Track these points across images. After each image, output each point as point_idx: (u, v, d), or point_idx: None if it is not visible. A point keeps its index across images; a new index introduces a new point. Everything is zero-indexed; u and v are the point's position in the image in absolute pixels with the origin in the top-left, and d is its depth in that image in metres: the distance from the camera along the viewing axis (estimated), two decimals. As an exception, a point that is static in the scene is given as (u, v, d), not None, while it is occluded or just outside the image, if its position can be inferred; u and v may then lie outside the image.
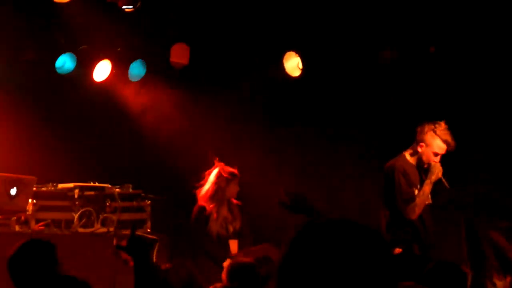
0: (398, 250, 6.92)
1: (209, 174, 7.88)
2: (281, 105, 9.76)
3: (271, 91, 9.68)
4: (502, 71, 8.68)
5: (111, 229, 8.08)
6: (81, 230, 8.00)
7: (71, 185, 8.16)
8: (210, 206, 7.79)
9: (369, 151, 9.54)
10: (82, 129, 9.35)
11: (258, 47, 9.41)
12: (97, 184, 8.34)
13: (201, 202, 7.84)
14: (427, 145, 7.05)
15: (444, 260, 5.47)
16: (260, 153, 9.59)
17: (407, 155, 7.22)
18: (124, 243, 4.31)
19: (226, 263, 7.47)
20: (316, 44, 9.29)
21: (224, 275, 6.13)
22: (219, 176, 7.85)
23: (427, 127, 7.05)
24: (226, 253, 7.92)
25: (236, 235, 8.03)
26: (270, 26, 9.29)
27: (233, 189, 7.92)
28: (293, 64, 9.32)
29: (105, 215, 8.15)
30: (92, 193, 8.21)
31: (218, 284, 5.36)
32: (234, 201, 7.98)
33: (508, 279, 6.84)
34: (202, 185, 7.86)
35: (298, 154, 9.75)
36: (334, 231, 2.18)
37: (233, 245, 8.03)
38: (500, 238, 7.08)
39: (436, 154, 7.03)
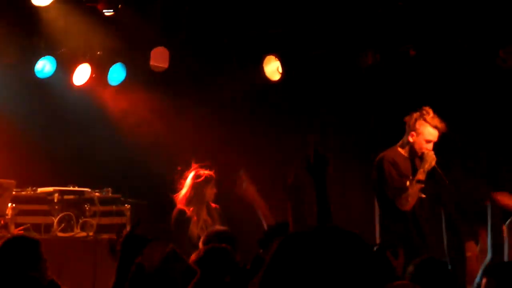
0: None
1: (186, 178, 7.93)
2: (261, 108, 9.81)
3: (251, 94, 9.73)
4: (481, 72, 8.78)
5: (91, 233, 8.10)
6: (60, 234, 8.02)
7: (50, 189, 8.18)
8: (189, 209, 7.83)
9: (349, 152, 9.63)
10: (62, 133, 9.35)
11: (238, 51, 9.45)
12: (76, 188, 8.36)
13: (179, 205, 7.88)
14: (417, 134, 7.03)
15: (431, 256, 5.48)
16: (241, 156, 9.63)
17: (397, 147, 7.22)
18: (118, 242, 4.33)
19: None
20: (296, 48, 9.36)
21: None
22: (195, 178, 7.91)
23: (415, 115, 7.04)
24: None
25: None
26: (250, 29, 9.35)
27: (211, 191, 7.98)
28: (273, 68, 9.36)
29: (84, 219, 8.17)
30: (71, 197, 8.23)
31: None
32: (212, 204, 8.03)
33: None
34: (180, 189, 7.90)
35: (278, 156, 9.80)
36: (314, 242, 2.19)
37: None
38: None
39: (428, 141, 7.01)
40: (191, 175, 7.96)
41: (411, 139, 7.08)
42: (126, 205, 8.39)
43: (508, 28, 8.38)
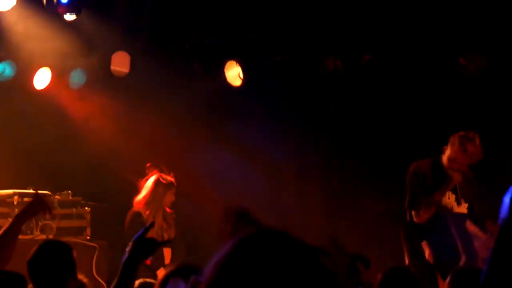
0: None
1: (146, 181, 8.01)
2: (222, 114, 9.91)
3: (213, 100, 9.82)
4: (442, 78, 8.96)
5: (50, 236, 8.12)
6: (20, 236, 8.00)
7: (10, 191, 8.19)
8: (146, 213, 7.90)
9: (310, 158, 9.77)
10: (22, 136, 9.36)
11: (199, 56, 9.56)
12: (36, 191, 8.35)
13: (136, 207, 7.95)
14: (448, 149, 7.07)
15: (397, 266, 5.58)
16: (200, 161, 9.74)
17: (443, 156, 7.14)
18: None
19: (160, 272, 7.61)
20: (259, 53, 9.49)
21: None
22: (157, 183, 7.98)
23: (456, 134, 7.06)
24: (160, 261, 8.02)
25: (170, 244, 8.16)
26: (211, 35, 9.46)
27: (170, 197, 8.06)
28: (234, 73, 9.47)
29: (44, 222, 8.18)
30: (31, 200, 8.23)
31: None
32: (168, 210, 8.10)
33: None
34: (140, 192, 7.98)
35: (240, 162, 9.90)
36: (263, 246, 2.16)
37: (167, 253, 8.15)
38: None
39: (451, 160, 7.01)
40: (152, 179, 8.04)
41: (445, 152, 7.11)
42: (86, 208, 8.42)
43: (467, 35, 8.57)
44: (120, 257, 8.00)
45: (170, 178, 8.11)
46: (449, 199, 7.06)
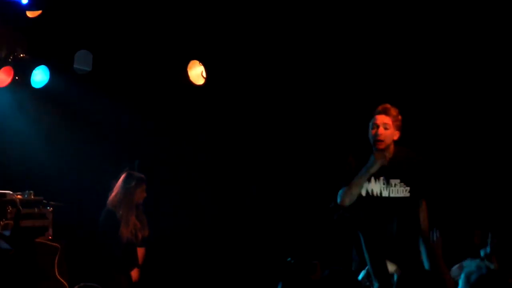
0: None
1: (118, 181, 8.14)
2: (185, 113, 9.99)
3: (175, 98, 9.90)
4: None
5: (12, 235, 8.16)
6: (-21, 235, 8.06)
7: (-29, 192, 8.22)
8: (119, 212, 8.00)
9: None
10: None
11: (162, 55, 9.62)
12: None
13: (109, 205, 8.05)
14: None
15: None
16: (164, 159, 9.83)
17: None
18: None
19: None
20: (219, 53, 9.58)
21: None
22: (126, 180, 8.09)
23: None
24: (133, 260, 8.12)
25: (144, 243, 8.26)
26: (174, 34, 9.52)
27: (141, 194, 8.15)
28: (197, 72, 9.54)
29: (6, 221, 8.21)
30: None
31: None
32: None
33: None
34: (113, 191, 8.09)
35: (202, 157, 10.02)
36: None
37: (140, 252, 8.25)
38: None
39: (371, 141, 6.66)
40: (122, 176, 8.16)
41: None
42: (48, 207, 8.46)
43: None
44: (82, 257, 8.11)
45: (139, 174, 8.22)
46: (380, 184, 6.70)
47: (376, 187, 6.65)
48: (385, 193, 6.62)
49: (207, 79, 9.43)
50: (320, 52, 9.40)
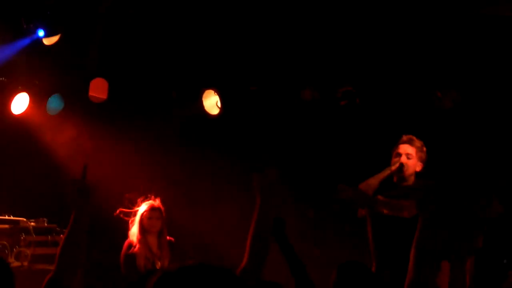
0: None
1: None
2: (200, 142, 10.04)
3: (190, 128, 9.95)
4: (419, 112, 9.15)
5: (25, 263, 8.22)
6: (-6, 263, 8.09)
7: (-16, 217, 8.29)
8: (135, 241, 8.07)
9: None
10: (-1, 161, 9.46)
11: (177, 84, 9.69)
12: (11, 217, 8.45)
13: (129, 237, 8.15)
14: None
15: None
16: (178, 191, 9.86)
17: None
18: None
19: None
20: (235, 83, 9.64)
21: None
22: (137, 210, 8.17)
23: None
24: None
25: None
26: (189, 63, 9.60)
27: (152, 222, 8.19)
28: (212, 102, 9.59)
29: (19, 249, 8.27)
30: (6, 226, 8.33)
31: None
32: (168, 237, 8.25)
33: None
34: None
35: (214, 192, 10.04)
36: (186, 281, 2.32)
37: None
38: None
39: (395, 156, 6.96)
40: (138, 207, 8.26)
41: None
42: (61, 235, 8.51)
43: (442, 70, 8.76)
44: (96, 286, 8.11)
45: (149, 202, 8.28)
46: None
47: None
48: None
49: (222, 109, 9.48)
50: (332, 80, 9.46)
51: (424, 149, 6.90)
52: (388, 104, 9.29)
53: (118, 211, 8.10)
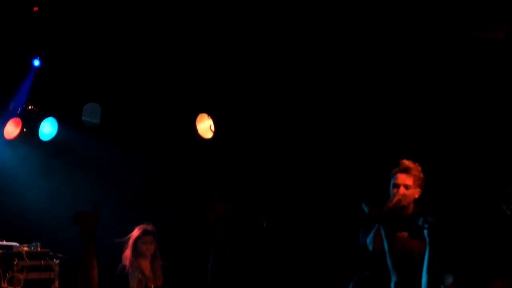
0: None
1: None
2: (193, 165, 10.07)
3: (184, 152, 9.98)
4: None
5: (18, 288, 8.20)
6: (-15, 288, 8.09)
7: (-22, 242, 8.27)
8: (128, 264, 8.11)
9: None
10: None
11: (171, 108, 9.74)
12: (4, 242, 8.44)
13: (123, 261, 8.16)
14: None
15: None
16: (173, 214, 9.88)
17: None
18: None
19: None
20: (228, 107, 9.70)
21: None
22: (130, 234, 8.22)
23: None
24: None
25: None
26: (183, 87, 9.65)
27: (144, 246, 8.22)
28: (205, 126, 9.64)
29: (12, 274, 8.25)
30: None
31: None
32: (161, 261, 8.28)
33: None
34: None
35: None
36: None
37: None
38: None
39: (395, 186, 6.95)
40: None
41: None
42: (55, 260, 8.50)
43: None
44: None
45: (141, 226, 8.32)
46: None
47: None
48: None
49: (215, 132, 9.53)
50: (329, 102, 9.53)
51: (422, 175, 6.94)
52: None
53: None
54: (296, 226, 9.84)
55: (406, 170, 6.90)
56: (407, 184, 6.87)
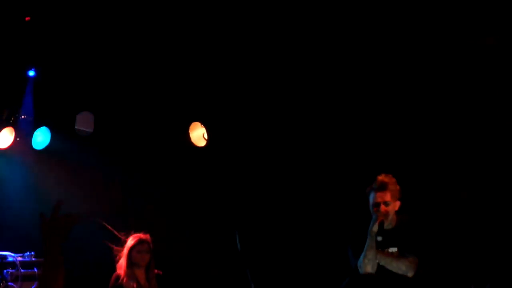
0: None
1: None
2: (186, 173, 10.11)
3: (177, 161, 10.02)
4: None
5: (12, 297, 8.22)
6: (-19, 298, 8.11)
7: (-29, 252, 8.29)
8: (123, 274, 8.12)
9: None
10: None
11: (164, 117, 9.77)
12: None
13: (117, 271, 8.17)
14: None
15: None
16: (167, 222, 9.90)
17: None
18: None
19: None
20: (221, 115, 9.75)
21: None
22: (125, 243, 8.23)
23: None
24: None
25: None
26: (177, 96, 9.70)
27: (137, 255, 8.24)
28: (198, 134, 9.68)
29: (6, 283, 8.26)
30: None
31: None
32: (156, 270, 8.29)
33: None
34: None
35: (204, 221, 10.10)
36: None
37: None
38: None
39: (374, 205, 6.96)
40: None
41: None
42: (49, 269, 8.50)
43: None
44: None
45: (134, 235, 8.33)
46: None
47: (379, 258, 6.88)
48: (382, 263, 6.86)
49: (208, 141, 9.57)
50: (319, 108, 9.60)
51: (398, 187, 6.99)
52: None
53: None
54: (275, 245, 9.94)
55: (382, 187, 6.92)
56: (386, 201, 6.90)
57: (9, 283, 8.30)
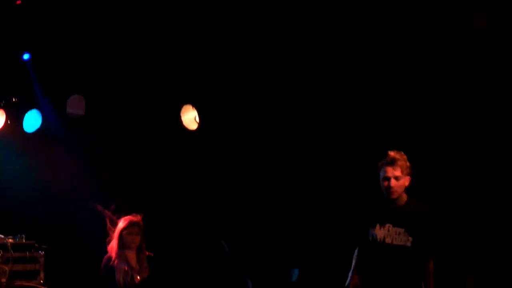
0: None
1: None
2: (180, 157, 10.12)
3: (169, 143, 10.03)
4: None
5: (3, 279, 8.25)
6: (-29, 279, 8.13)
7: (-40, 234, 8.31)
8: (114, 256, 8.15)
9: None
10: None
11: (155, 100, 9.79)
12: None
13: (109, 253, 8.20)
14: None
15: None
16: (159, 205, 9.93)
17: None
18: None
19: None
20: (213, 98, 9.76)
21: None
22: (116, 225, 8.26)
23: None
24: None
25: (144, 285, 8.35)
26: (168, 79, 9.70)
27: (131, 237, 8.27)
28: (190, 117, 9.69)
29: (-4, 265, 8.30)
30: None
31: None
32: (147, 252, 8.32)
33: None
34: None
35: (195, 206, 10.13)
36: None
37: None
38: None
39: (384, 179, 7.11)
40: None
41: None
42: (40, 251, 8.54)
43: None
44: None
45: (127, 218, 8.36)
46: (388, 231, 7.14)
47: (380, 233, 7.08)
48: (388, 240, 7.05)
49: (200, 124, 9.58)
50: (313, 96, 9.61)
51: (408, 164, 7.09)
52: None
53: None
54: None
55: (393, 162, 7.06)
56: (396, 176, 7.04)
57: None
